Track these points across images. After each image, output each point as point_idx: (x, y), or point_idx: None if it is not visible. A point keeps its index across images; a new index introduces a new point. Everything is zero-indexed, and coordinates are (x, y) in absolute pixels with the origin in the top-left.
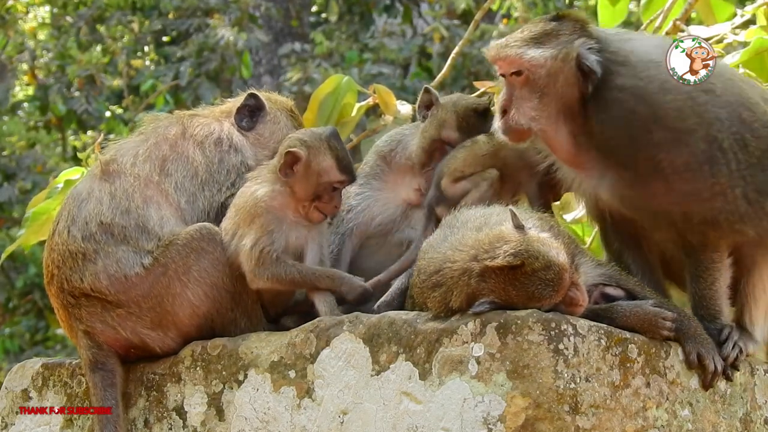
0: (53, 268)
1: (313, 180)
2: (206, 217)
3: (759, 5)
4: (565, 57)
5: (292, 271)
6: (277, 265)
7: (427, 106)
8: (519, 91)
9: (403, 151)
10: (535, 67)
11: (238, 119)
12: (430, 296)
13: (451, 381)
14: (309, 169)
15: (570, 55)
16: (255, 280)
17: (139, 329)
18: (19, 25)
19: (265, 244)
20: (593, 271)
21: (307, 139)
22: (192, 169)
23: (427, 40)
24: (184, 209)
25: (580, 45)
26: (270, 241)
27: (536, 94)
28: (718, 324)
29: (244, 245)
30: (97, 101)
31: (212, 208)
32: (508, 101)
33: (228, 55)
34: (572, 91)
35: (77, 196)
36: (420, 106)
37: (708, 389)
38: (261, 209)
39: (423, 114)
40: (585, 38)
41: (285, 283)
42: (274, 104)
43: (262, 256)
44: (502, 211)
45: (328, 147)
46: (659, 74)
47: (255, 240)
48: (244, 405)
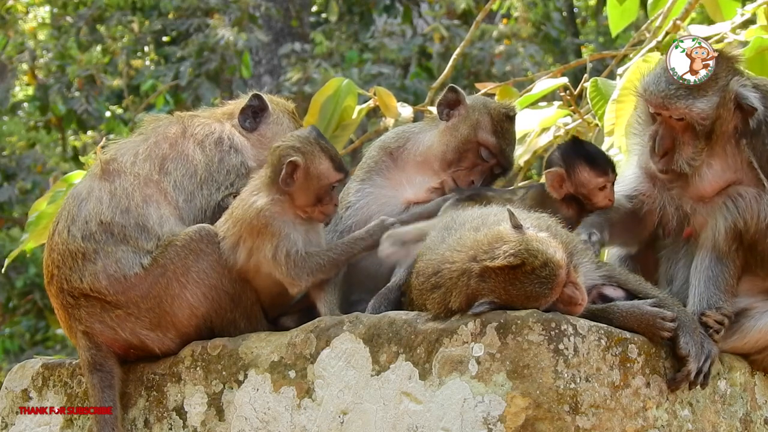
0: (53, 268)
1: (314, 184)
2: (203, 215)
3: (759, 5)
4: (726, 99)
5: (325, 256)
6: (310, 259)
7: (450, 106)
8: (681, 136)
9: (414, 148)
10: (702, 118)
11: (241, 119)
12: (430, 297)
13: (451, 381)
14: (308, 174)
15: (728, 97)
16: (296, 283)
17: (138, 330)
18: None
19: (289, 247)
20: (594, 272)
21: (299, 145)
22: (191, 167)
23: (427, 40)
24: (182, 208)
25: (737, 84)
26: (292, 243)
27: (699, 139)
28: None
29: (266, 257)
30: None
31: (209, 207)
32: (670, 144)
33: (228, 55)
34: (728, 127)
35: (77, 195)
36: (442, 104)
37: (672, 391)
38: (266, 219)
39: (446, 113)
40: (737, 76)
41: (327, 271)
42: (277, 106)
43: (292, 259)
44: (499, 212)
45: (321, 149)
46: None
47: (275, 248)
48: (244, 405)
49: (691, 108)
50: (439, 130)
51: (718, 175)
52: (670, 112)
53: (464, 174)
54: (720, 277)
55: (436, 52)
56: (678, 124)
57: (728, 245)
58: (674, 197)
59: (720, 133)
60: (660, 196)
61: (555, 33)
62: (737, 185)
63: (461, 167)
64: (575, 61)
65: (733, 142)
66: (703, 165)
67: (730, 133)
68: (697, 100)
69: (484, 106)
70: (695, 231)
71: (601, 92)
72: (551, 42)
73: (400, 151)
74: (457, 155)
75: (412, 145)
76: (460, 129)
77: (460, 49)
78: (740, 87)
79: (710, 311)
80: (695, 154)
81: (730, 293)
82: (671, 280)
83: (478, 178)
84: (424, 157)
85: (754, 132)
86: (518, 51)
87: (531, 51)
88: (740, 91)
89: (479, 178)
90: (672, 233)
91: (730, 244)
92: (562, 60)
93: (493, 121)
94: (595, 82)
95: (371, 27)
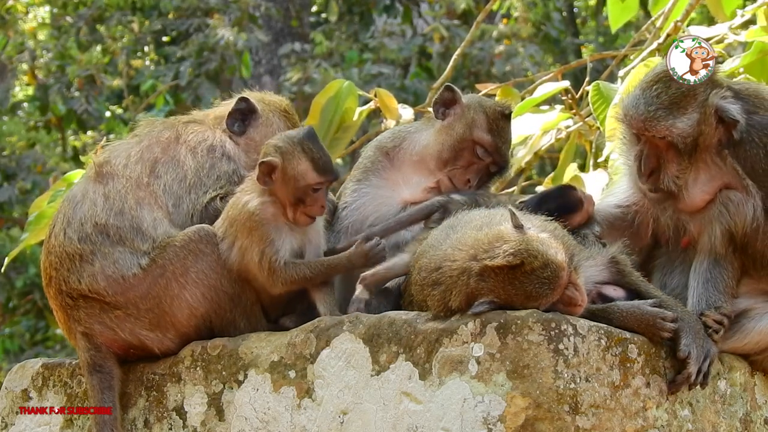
0: (51, 270)
1: (292, 185)
2: (189, 220)
3: (759, 5)
4: (706, 114)
5: (302, 270)
6: (287, 270)
7: (445, 104)
8: (666, 154)
9: (410, 147)
10: (683, 136)
11: (229, 123)
12: (430, 294)
13: (451, 381)
14: (286, 175)
15: (709, 111)
16: (273, 287)
17: (138, 330)
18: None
19: (271, 254)
20: (594, 272)
21: (282, 144)
22: (181, 172)
23: (427, 40)
24: (171, 212)
25: (716, 97)
26: (274, 251)
27: (682, 156)
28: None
29: (252, 259)
30: (97, 101)
31: (195, 211)
32: (655, 163)
33: (228, 55)
34: (712, 140)
35: (72, 198)
36: (438, 103)
37: (672, 393)
38: (256, 222)
39: (441, 112)
40: (717, 89)
41: (300, 283)
42: (268, 106)
43: (271, 266)
44: (504, 212)
45: (302, 150)
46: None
47: (261, 253)
48: (244, 405)
49: (671, 128)
50: (435, 129)
51: (706, 186)
52: (652, 133)
53: (460, 173)
54: (719, 278)
55: (436, 52)
56: (661, 142)
57: (725, 248)
58: (667, 210)
59: (704, 147)
60: (653, 208)
61: (555, 33)
62: (726, 190)
63: (457, 166)
64: (575, 62)
65: (717, 152)
66: (689, 180)
67: (714, 146)
68: (677, 120)
69: (480, 105)
70: (693, 239)
71: (603, 95)
72: (551, 42)
73: (396, 151)
74: (453, 154)
75: (409, 144)
76: (455, 127)
77: (460, 49)
78: (720, 100)
79: (709, 311)
80: (680, 172)
81: (730, 294)
82: (664, 287)
83: (473, 176)
84: (420, 156)
85: (738, 142)
86: (518, 51)
87: (531, 51)
88: (720, 104)
89: (475, 177)
90: (668, 243)
91: (727, 246)
92: (562, 60)
93: (489, 119)
94: (597, 86)
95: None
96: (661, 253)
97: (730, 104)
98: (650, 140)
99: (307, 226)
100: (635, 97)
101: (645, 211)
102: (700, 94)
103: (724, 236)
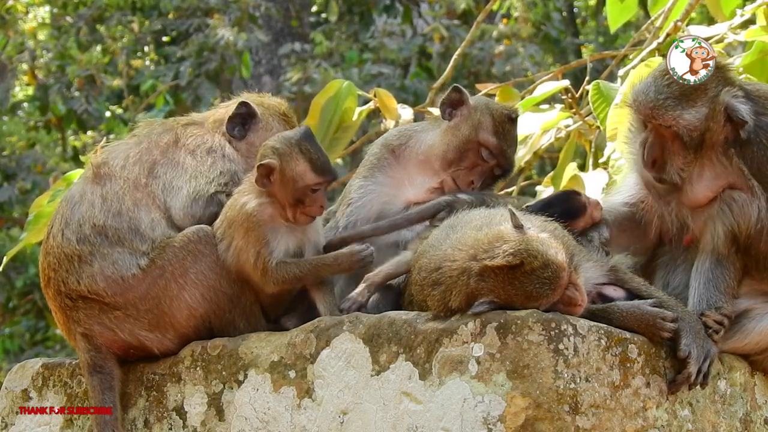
0: (50, 271)
1: (290, 186)
2: (191, 203)
3: (759, 5)
4: (715, 111)
5: (292, 269)
6: (278, 269)
7: (453, 105)
8: (670, 145)
9: (417, 147)
10: (690, 129)
11: (229, 128)
12: (430, 294)
13: (451, 381)
14: (284, 176)
15: (718, 108)
16: (266, 286)
17: (137, 331)
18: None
19: (265, 255)
20: (594, 272)
21: (279, 146)
22: (181, 170)
23: (427, 40)
24: (171, 206)
25: (727, 95)
26: (269, 252)
27: (688, 149)
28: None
29: (248, 260)
30: (97, 101)
31: (200, 196)
32: (659, 152)
33: (228, 55)
34: (719, 138)
35: (70, 199)
36: (445, 103)
37: (672, 393)
38: (253, 224)
39: (448, 112)
40: (729, 87)
41: (291, 282)
42: (267, 110)
43: (264, 266)
44: (504, 212)
45: (300, 151)
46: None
47: (257, 254)
48: (244, 405)
49: (678, 119)
50: (441, 130)
51: (710, 183)
52: (659, 121)
53: (464, 174)
54: (720, 279)
55: (436, 52)
56: (667, 132)
57: (727, 248)
58: (671, 205)
59: (710, 144)
60: (657, 204)
61: (555, 33)
62: (730, 189)
63: (461, 167)
64: (575, 62)
65: (723, 150)
66: (694, 174)
67: (720, 143)
68: (685, 111)
69: (487, 107)
70: (695, 237)
71: (603, 95)
72: (551, 42)
73: (402, 149)
74: (457, 155)
75: (415, 143)
76: (461, 129)
77: (460, 49)
78: (731, 98)
79: (709, 311)
80: (684, 165)
81: (730, 295)
82: (666, 286)
83: (477, 178)
84: (425, 155)
85: (745, 142)
86: (518, 51)
87: (531, 51)
88: (731, 102)
89: (479, 179)
90: (671, 241)
91: (729, 247)
92: (562, 60)
93: (495, 122)
94: (597, 86)
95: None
96: (665, 252)
97: (741, 104)
98: (656, 128)
99: (306, 225)
100: (647, 83)
101: (651, 208)
102: (712, 89)
103: (727, 237)
